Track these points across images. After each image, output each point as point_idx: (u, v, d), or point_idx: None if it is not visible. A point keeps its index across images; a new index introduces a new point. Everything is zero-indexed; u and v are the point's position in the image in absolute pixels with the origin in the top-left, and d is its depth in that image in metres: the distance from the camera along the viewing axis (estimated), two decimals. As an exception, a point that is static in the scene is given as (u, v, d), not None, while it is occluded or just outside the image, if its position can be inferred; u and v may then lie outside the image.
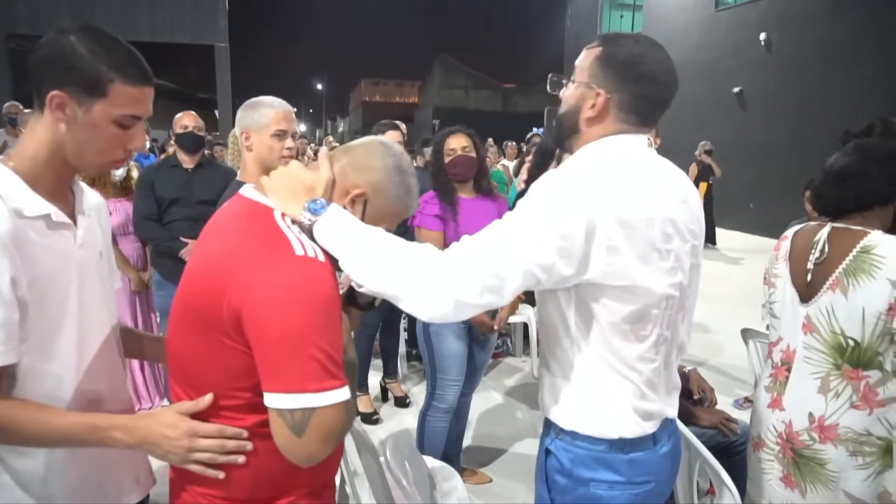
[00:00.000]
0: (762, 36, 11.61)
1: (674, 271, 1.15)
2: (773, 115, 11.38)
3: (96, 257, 1.14)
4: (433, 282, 1.03)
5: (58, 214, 1.02)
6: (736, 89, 12.26)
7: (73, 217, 1.07)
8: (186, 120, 3.18)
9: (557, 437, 1.22)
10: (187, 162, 3.19)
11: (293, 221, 1.04)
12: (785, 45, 11.26)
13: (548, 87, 1.31)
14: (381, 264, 1.04)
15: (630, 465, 1.18)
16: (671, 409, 1.24)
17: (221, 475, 1.00)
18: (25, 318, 0.95)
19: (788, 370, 1.57)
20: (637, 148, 1.20)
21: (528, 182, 1.37)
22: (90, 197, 1.17)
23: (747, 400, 3.79)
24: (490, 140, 10.59)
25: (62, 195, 1.07)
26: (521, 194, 1.39)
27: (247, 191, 1.10)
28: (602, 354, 1.15)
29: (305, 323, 0.92)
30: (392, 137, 3.12)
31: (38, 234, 0.98)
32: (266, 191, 1.08)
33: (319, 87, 68.57)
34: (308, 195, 1.05)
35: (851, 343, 1.42)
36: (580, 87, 1.20)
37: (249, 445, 1.00)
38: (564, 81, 1.25)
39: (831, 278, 1.47)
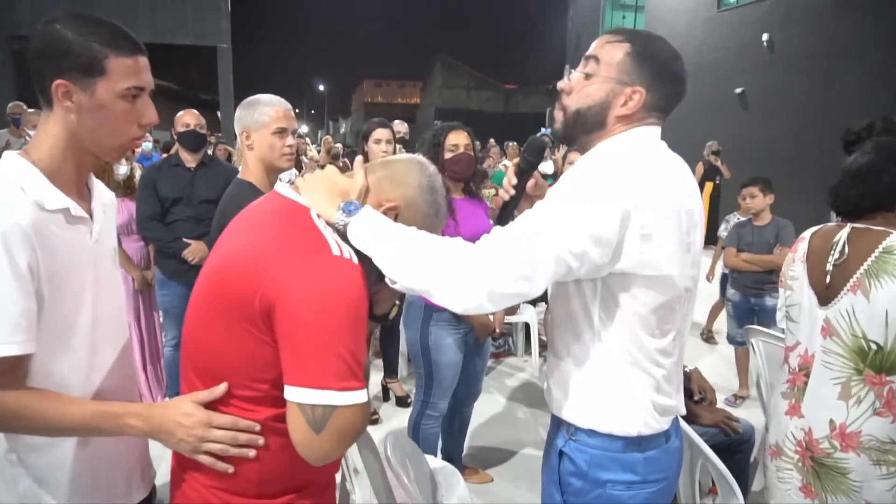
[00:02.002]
0: (765, 37, 11.58)
1: (693, 264, 1.16)
2: (775, 116, 11.35)
3: (110, 252, 1.16)
4: (465, 273, 1.03)
5: (76, 209, 1.04)
6: (738, 90, 12.23)
7: (89, 213, 1.10)
8: (188, 118, 3.15)
9: (571, 437, 1.21)
10: (189, 161, 3.16)
11: (327, 223, 1.06)
12: (787, 45, 11.22)
13: (567, 79, 1.27)
14: (413, 259, 1.04)
15: (646, 464, 1.17)
16: (682, 406, 1.24)
17: (231, 469, 1.00)
18: (42, 309, 0.97)
19: (807, 375, 1.52)
20: (657, 139, 1.19)
21: (518, 186, 1.33)
22: (104, 193, 1.19)
23: (738, 397, 3.84)
24: (492, 140, 10.58)
25: (80, 190, 1.09)
26: (508, 203, 1.30)
27: (283, 189, 1.13)
28: (625, 348, 1.14)
29: (337, 322, 0.93)
30: (381, 136, 3.07)
31: (57, 227, 1.00)
32: (301, 191, 1.10)
33: (321, 87, 68.72)
34: (342, 198, 1.08)
35: (874, 347, 1.38)
36: (608, 81, 1.15)
37: (261, 440, 1.01)
38: (590, 73, 1.17)
39: (852, 280, 1.42)
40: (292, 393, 0.92)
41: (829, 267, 1.49)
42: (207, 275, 1.06)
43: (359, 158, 1.19)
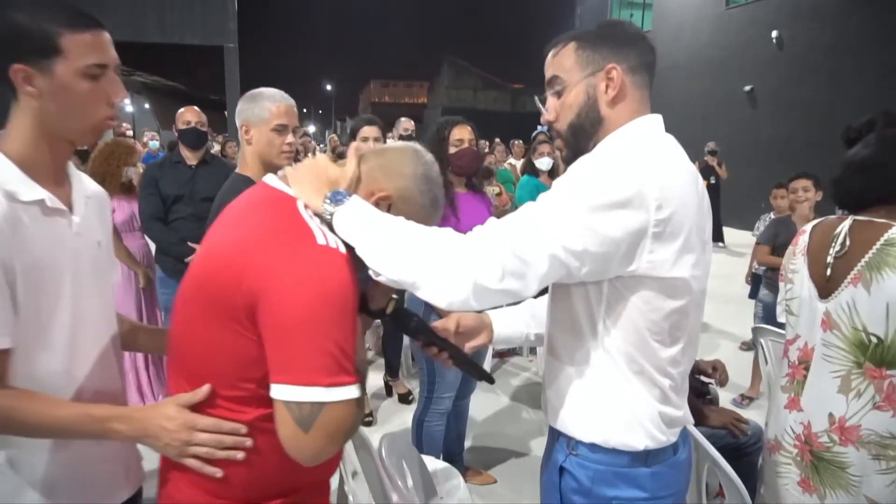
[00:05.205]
0: (773, 33, 11.48)
1: (707, 264, 1.09)
2: (784, 113, 11.26)
3: (93, 246, 1.12)
4: (451, 264, 0.96)
5: (53, 200, 1.01)
6: (747, 87, 12.14)
7: (69, 204, 1.06)
8: (189, 115, 3.15)
9: (572, 452, 1.13)
10: (191, 158, 3.16)
11: (314, 213, 1.02)
12: (797, 42, 11.13)
13: (543, 111, 1.20)
14: (398, 250, 0.98)
15: (654, 479, 1.10)
16: (689, 416, 1.17)
17: (219, 473, 0.97)
18: (16, 303, 0.94)
19: (806, 369, 1.50)
20: (661, 128, 1.12)
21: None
22: (88, 185, 1.16)
23: (744, 397, 3.78)
24: (497, 139, 10.57)
25: (58, 181, 1.06)
26: None
27: (271, 179, 1.09)
28: (632, 358, 1.07)
29: (321, 314, 0.89)
30: (369, 133, 3.05)
31: (32, 219, 0.97)
32: (290, 181, 1.06)
33: (329, 87, 68.85)
34: (331, 188, 1.04)
35: (874, 340, 1.35)
36: (580, 82, 1.11)
37: (248, 442, 0.97)
38: (559, 88, 1.14)
39: (853, 272, 1.40)
40: (278, 391, 0.89)
41: (829, 259, 1.47)
42: (191, 271, 1.02)
43: (353, 145, 1.15)
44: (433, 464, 1.97)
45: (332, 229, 1.00)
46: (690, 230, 1.01)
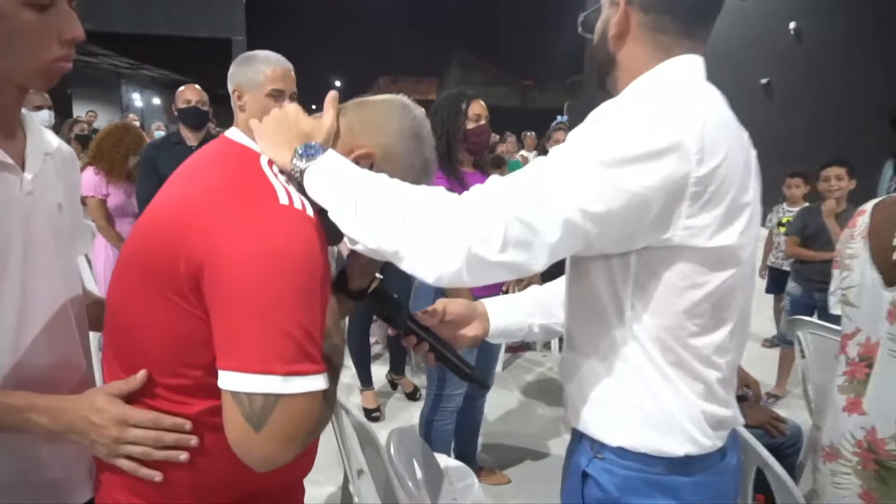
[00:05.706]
0: (791, 25, 11.24)
1: (756, 230, 0.91)
2: (802, 107, 11.01)
3: (52, 209, 0.97)
4: (441, 229, 0.80)
5: None
6: (763, 80, 11.90)
7: (21, 160, 0.92)
8: (189, 93, 3.02)
9: (597, 455, 0.95)
10: (191, 139, 3.02)
11: (281, 171, 0.87)
12: (815, 34, 10.88)
13: (580, 30, 1.09)
14: (379, 212, 0.82)
15: (695, 489, 0.91)
16: (739, 415, 0.98)
17: (158, 477, 0.81)
18: None
19: (869, 366, 1.33)
20: (701, 72, 0.94)
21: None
22: (50, 141, 1.01)
23: (771, 395, 3.61)
24: (508, 132, 10.47)
25: (7, 132, 0.91)
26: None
27: (234, 133, 0.95)
28: (667, 346, 0.88)
29: (281, 287, 0.74)
30: None
31: None
32: (255, 134, 0.92)
33: (338, 83, 69.00)
34: (303, 142, 0.88)
35: (955, 334, 1.19)
36: (604, 8, 0.98)
37: (194, 440, 0.82)
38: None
39: (929, 256, 1.23)
40: (225, 379, 0.74)
41: (896, 243, 1.30)
42: (131, 234, 0.88)
43: (331, 94, 0.97)
44: (446, 462, 1.86)
45: (301, 189, 0.85)
46: (738, 190, 0.84)
